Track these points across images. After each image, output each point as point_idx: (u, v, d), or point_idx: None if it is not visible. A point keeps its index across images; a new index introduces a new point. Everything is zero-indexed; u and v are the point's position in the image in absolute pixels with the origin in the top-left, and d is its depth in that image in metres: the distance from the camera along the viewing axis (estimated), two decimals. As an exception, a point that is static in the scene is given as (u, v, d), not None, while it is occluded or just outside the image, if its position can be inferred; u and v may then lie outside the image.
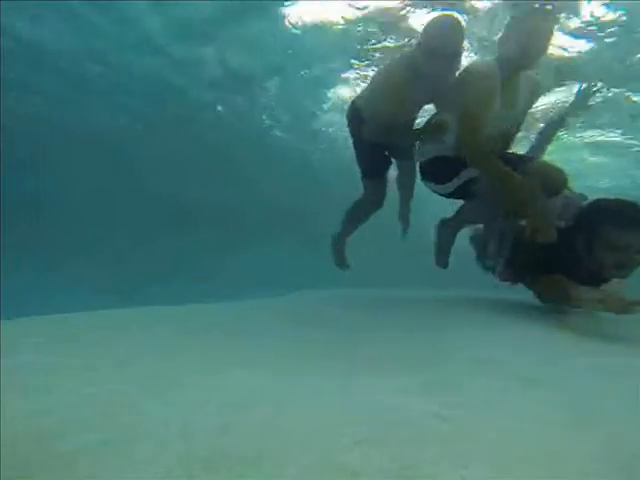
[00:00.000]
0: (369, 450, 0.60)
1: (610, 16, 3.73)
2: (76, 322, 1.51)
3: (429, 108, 2.52)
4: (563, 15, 3.67)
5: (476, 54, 4.20)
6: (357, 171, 2.70)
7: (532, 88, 2.30)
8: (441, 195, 2.47)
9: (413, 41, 3.52)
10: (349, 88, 5.77)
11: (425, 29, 2.15)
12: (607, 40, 3.98)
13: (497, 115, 2.07)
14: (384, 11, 4.03)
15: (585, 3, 3.59)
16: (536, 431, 0.67)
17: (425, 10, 3.82)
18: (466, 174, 2.25)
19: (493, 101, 2.03)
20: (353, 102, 2.58)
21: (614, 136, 6.31)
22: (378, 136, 2.37)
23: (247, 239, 10.89)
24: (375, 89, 2.43)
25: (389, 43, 4.50)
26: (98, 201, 9.75)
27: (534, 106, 2.48)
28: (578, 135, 6.26)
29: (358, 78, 5.44)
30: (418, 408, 0.75)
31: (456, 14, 2.51)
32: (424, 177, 2.49)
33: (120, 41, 5.58)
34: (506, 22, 2.13)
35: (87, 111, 7.70)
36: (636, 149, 6.59)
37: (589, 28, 3.86)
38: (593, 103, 2.78)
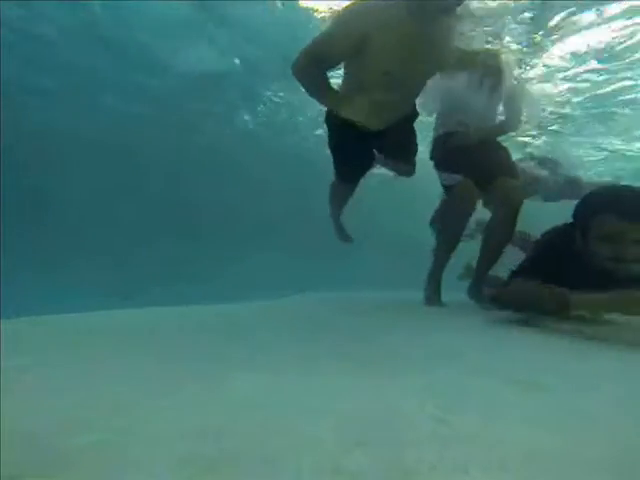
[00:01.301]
0: (369, 452, 0.59)
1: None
2: (76, 322, 1.51)
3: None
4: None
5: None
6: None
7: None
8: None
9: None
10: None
11: None
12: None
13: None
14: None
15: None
16: (536, 434, 0.67)
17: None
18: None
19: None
20: None
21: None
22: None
23: (250, 241, 10.90)
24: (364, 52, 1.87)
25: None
26: (100, 202, 9.77)
27: None
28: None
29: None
30: (418, 410, 0.75)
31: None
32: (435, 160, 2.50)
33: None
34: None
35: (88, 111, 7.72)
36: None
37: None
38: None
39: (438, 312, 2.22)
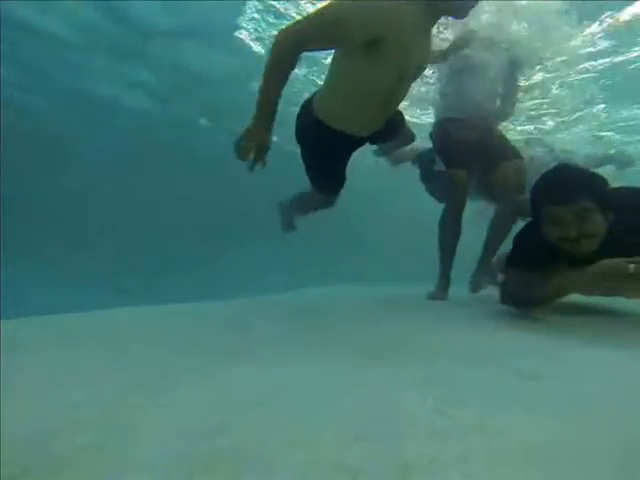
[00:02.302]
0: (369, 446, 0.60)
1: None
2: (76, 322, 1.50)
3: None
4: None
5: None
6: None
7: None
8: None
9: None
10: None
11: None
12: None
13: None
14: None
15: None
16: (537, 426, 0.67)
17: None
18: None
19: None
20: (309, 100, 2.14)
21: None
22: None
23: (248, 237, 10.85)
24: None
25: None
26: (99, 201, 9.74)
27: None
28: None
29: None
30: (418, 403, 0.76)
31: None
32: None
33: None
34: None
35: (85, 108, 7.69)
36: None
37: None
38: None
39: (436, 305, 2.23)
